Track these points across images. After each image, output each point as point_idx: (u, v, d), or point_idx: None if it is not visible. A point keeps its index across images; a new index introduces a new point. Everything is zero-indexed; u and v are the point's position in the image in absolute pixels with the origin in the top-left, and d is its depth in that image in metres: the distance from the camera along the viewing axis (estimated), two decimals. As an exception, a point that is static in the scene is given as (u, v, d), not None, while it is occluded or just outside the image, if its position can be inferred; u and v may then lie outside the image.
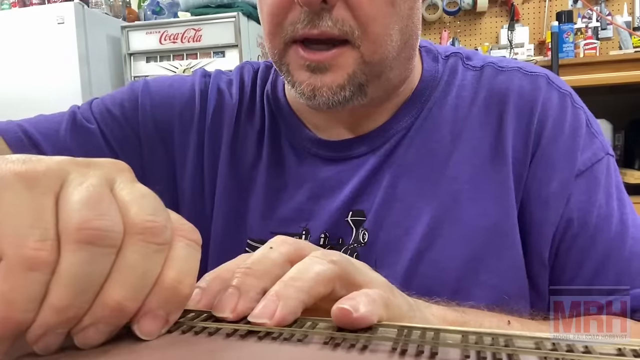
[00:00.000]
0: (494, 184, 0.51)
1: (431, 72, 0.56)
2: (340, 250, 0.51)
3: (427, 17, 2.80)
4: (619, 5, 2.60)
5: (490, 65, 0.56)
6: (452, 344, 0.24)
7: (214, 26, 2.25)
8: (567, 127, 0.52)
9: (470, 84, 0.55)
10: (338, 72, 0.47)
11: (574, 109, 0.54)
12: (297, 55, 0.47)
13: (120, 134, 0.59)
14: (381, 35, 0.47)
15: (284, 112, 0.58)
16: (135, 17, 2.70)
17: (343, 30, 0.45)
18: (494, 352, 0.22)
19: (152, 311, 0.25)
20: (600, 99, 1.96)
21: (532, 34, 2.70)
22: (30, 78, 2.26)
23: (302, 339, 0.25)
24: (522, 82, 0.54)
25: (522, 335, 0.24)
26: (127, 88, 0.62)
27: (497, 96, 0.54)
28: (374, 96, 0.51)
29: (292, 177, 0.56)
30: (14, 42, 2.27)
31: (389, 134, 0.54)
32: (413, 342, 0.24)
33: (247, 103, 0.60)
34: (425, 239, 0.51)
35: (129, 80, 2.36)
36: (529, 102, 0.53)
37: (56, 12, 2.21)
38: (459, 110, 0.54)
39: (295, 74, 0.48)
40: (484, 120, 0.53)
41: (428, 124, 0.54)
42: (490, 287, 0.49)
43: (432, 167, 0.53)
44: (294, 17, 0.46)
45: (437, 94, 0.55)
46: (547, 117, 0.52)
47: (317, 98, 0.48)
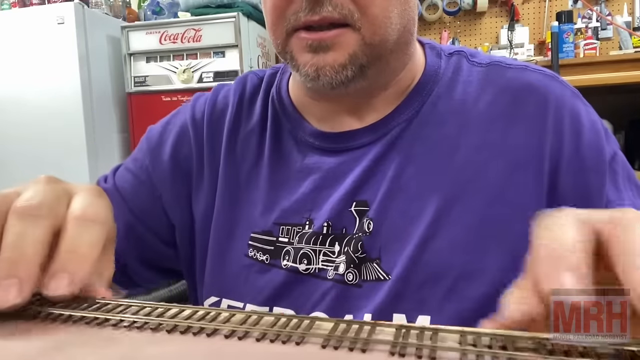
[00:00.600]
0: (502, 176, 0.51)
1: (434, 67, 0.57)
2: (344, 239, 0.53)
3: (427, 17, 2.80)
4: (619, 5, 2.60)
5: (497, 63, 0.57)
6: (451, 347, 0.24)
7: (214, 26, 2.26)
8: (585, 121, 0.53)
9: (477, 80, 0.56)
10: (339, 52, 0.49)
11: (586, 107, 0.55)
12: (300, 39, 0.50)
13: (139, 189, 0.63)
14: (380, 17, 0.49)
15: (287, 110, 0.60)
16: (135, 17, 2.70)
17: (343, 13, 0.47)
18: (493, 356, 0.22)
19: (55, 273, 0.32)
20: (600, 99, 1.95)
21: (532, 34, 2.70)
22: (30, 78, 2.26)
23: (299, 341, 0.25)
24: (531, 77, 0.55)
25: (522, 336, 0.24)
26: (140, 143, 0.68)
27: (506, 91, 0.54)
28: (374, 80, 0.53)
29: (295, 170, 0.57)
30: (14, 42, 2.27)
31: (392, 125, 0.55)
32: (411, 346, 0.24)
33: (246, 109, 0.62)
34: (430, 227, 0.51)
35: (128, 80, 2.37)
36: (542, 95, 0.53)
37: (56, 12, 2.21)
38: (466, 105, 0.54)
39: (299, 57, 0.50)
40: (493, 114, 0.53)
41: (433, 116, 0.55)
42: (494, 275, 0.49)
43: (438, 158, 0.53)
44: (296, 7, 0.48)
45: (442, 88, 0.56)
46: (564, 111, 0.53)
47: (321, 78, 0.49)
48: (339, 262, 0.53)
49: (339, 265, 0.53)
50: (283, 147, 0.59)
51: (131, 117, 2.40)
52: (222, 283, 0.58)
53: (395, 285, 0.50)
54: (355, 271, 0.52)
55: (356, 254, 0.52)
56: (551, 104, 0.53)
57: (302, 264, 0.54)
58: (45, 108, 2.23)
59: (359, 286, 0.52)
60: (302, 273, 0.54)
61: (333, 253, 0.53)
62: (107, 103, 2.39)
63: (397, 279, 0.50)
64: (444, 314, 0.49)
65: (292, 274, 0.54)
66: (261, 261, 0.56)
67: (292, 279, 0.54)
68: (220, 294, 0.58)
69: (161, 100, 2.34)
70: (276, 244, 0.56)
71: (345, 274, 0.52)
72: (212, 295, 0.58)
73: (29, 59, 2.26)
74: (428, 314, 0.49)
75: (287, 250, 0.55)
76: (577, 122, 0.52)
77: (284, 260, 0.55)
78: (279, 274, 0.55)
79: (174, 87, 2.32)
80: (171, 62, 2.32)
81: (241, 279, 0.56)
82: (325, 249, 0.54)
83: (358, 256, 0.52)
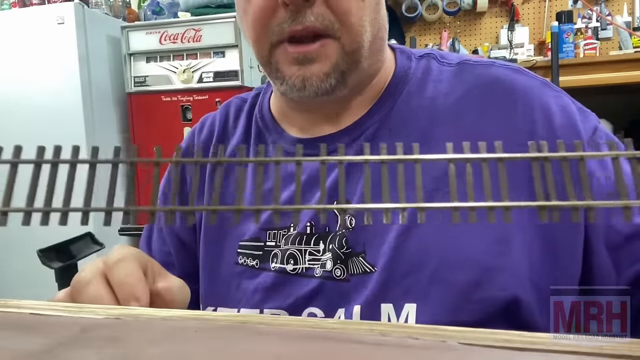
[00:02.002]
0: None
1: (404, 68, 0.60)
2: (328, 237, 0.55)
3: (427, 17, 2.80)
4: (619, 5, 2.60)
5: (465, 62, 0.60)
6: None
7: (214, 26, 2.25)
8: (554, 107, 0.54)
9: (447, 79, 0.58)
10: (324, 62, 0.52)
11: (556, 93, 0.56)
12: (285, 52, 0.52)
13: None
14: (357, 25, 0.52)
15: (269, 125, 0.64)
16: (135, 17, 2.70)
17: (324, 24, 0.50)
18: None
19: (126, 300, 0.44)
20: (600, 99, 1.96)
21: (532, 34, 2.70)
22: (30, 78, 2.26)
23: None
24: (498, 72, 0.58)
25: (523, 336, 0.24)
26: None
27: (475, 87, 0.56)
28: (352, 85, 0.56)
29: (278, 179, 0.59)
30: (14, 42, 2.27)
31: (366, 126, 0.58)
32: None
33: (231, 130, 0.66)
34: (409, 217, 0.52)
35: (128, 80, 2.37)
36: (509, 87, 0.56)
37: (56, 12, 2.21)
38: (437, 101, 0.57)
39: (285, 69, 0.53)
40: (464, 107, 0.55)
41: (405, 113, 0.57)
42: (475, 260, 0.50)
43: None
44: (279, 19, 0.51)
45: (412, 87, 0.58)
46: (533, 102, 0.54)
47: (307, 88, 0.52)
48: (325, 259, 0.55)
49: (325, 263, 0.55)
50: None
51: (131, 117, 2.40)
52: (217, 293, 0.61)
53: (381, 275, 0.52)
54: (343, 266, 0.54)
55: (341, 249, 0.54)
56: (519, 95, 0.55)
57: (289, 264, 0.56)
58: (45, 108, 2.23)
59: (347, 280, 0.54)
60: (290, 273, 0.56)
61: (318, 252, 0.55)
62: (107, 103, 2.39)
63: (382, 269, 0.52)
64: (429, 300, 0.50)
65: (281, 275, 0.56)
66: (251, 266, 0.58)
67: (281, 280, 0.56)
68: (216, 303, 0.60)
69: (161, 100, 2.34)
70: (264, 248, 0.58)
71: (333, 270, 0.54)
72: (208, 306, 0.61)
73: (29, 59, 2.26)
74: (414, 301, 0.51)
75: (275, 253, 0.57)
76: (547, 110, 0.54)
77: (273, 263, 0.57)
78: (268, 276, 0.57)
79: (174, 87, 2.32)
80: (171, 62, 2.32)
81: (233, 286, 0.59)
82: (310, 248, 0.56)
83: (344, 252, 0.54)
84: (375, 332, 0.25)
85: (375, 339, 0.24)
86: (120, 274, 0.45)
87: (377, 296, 0.51)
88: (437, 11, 2.79)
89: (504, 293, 0.49)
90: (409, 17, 2.76)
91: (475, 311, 0.49)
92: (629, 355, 0.22)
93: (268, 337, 0.25)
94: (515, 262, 0.51)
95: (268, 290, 0.56)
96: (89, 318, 0.29)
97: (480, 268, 0.50)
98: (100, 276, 0.45)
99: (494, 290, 0.49)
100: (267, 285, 0.56)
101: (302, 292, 0.55)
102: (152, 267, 0.49)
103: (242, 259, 0.59)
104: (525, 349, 0.23)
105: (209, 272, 0.62)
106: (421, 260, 0.51)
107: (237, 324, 0.27)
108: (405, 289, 0.51)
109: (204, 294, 0.62)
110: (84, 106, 2.23)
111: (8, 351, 0.24)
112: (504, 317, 0.49)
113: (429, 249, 0.51)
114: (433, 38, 2.86)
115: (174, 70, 2.32)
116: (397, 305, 0.51)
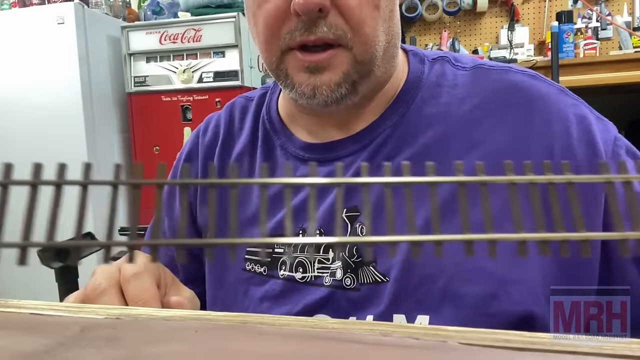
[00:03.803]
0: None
1: (417, 73, 0.58)
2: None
3: (427, 17, 2.80)
4: (619, 5, 2.60)
5: (481, 66, 0.58)
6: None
7: (214, 26, 2.25)
8: (572, 117, 0.52)
9: (462, 84, 0.56)
10: (334, 71, 0.51)
11: (574, 101, 0.55)
12: (296, 59, 0.51)
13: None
14: (370, 36, 0.50)
15: (277, 128, 0.62)
16: (135, 17, 2.70)
17: (337, 34, 0.49)
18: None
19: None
20: (600, 99, 1.96)
21: (532, 34, 2.70)
22: (30, 78, 2.26)
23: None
24: (515, 78, 0.56)
25: (523, 336, 0.24)
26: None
27: (491, 93, 0.55)
28: (363, 94, 0.54)
29: (286, 185, 0.59)
30: (14, 42, 2.27)
31: (376, 133, 0.56)
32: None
33: (237, 132, 0.65)
34: (422, 230, 0.51)
35: (128, 80, 2.37)
36: (527, 95, 0.54)
37: (56, 12, 2.21)
38: (452, 107, 0.55)
39: (295, 77, 0.52)
40: (480, 116, 0.54)
41: (419, 120, 0.55)
42: (489, 274, 0.49)
43: (427, 161, 0.53)
44: (291, 26, 0.49)
45: (426, 93, 0.57)
46: (551, 110, 0.53)
47: (317, 97, 0.51)
48: (334, 267, 0.54)
49: (335, 271, 0.54)
50: (274, 163, 0.60)
51: (131, 117, 2.40)
52: (223, 299, 0.60)
53: (394, 286, 0.51)
54: (353, 275, 0.53)
55: (352, 258, 0.53)
56: (537, 104, 0.53)
57: (298, 272, 0.55)
58: (45, 108, 2.23)
59: (357, 290, 0.52)
60: (298, 281, 0.55)
61: (328, 260, 0.54)
62: (107, 103, 2.39)
63: (395, 280, 0.51)
64: (442, 312, 0.49)
65: (290, 283, 0.55)
66: (259, 273, 0.57)
67: (290, 288, 0.55)
68: (222, 310, 0.59)
69: (161, 100, 2.34)
70: (272, 254, 0.57)
71: (343, 279, 0.53)
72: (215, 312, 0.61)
73: (29, 59, 2.26)
74: (426, 313, 0.50)
75: (283, 261, 0.56)
76: (565, 120, 0.52)
77: (281, 270, 0.56)
78: (276, 284, 0.56)
79: (174, 87, 2.32)
80: (171, 62, 2.32)
81: (240, 292, 0.58)
82: (319, 256, 0.55)
83: (354, 260, 0.53)
84: (375, 332, 0.25)
85: (376, 339, 0.24)
86: (136, 289, 0.45)
87: (389, 307, 0.50)
88: (437, 11, 2.79)
89: (519, 307, 0.48)
90: (409, 17, 2.76)
91: (488, 324, 0.48)
92: (629, 355, 0.22)
93: (268, 337, 0.25)
94: (531, 275, 0.49)
95: (276, 298, 0.55)
96: (89, 318, 0.29)
97: (496, 280, 0.49)
98: (115, 287, 0.45)
99: (509, 304, 0.48)
100: (275, 293, 0.55)
101: (311, 300, 0.54)
102: (164, 279, 0.49)
103: (249, 265, 0.58)
104: (525, 349, 0.23)
105: (216, 277, 0.61)
106: (434, 271, 0.50)
107: (238, 324, 0.27)
108: (418, 300, 0.50)
109: (210, 300, 0.62)
110: (84, 106, 2.22)
111: (8, 351, 0.24)
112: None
113: (442, 260, 0.50)
114: (433, 38, 2.86)
115: (174, 70, 2.32)
116: (410, 316, 0.50)
